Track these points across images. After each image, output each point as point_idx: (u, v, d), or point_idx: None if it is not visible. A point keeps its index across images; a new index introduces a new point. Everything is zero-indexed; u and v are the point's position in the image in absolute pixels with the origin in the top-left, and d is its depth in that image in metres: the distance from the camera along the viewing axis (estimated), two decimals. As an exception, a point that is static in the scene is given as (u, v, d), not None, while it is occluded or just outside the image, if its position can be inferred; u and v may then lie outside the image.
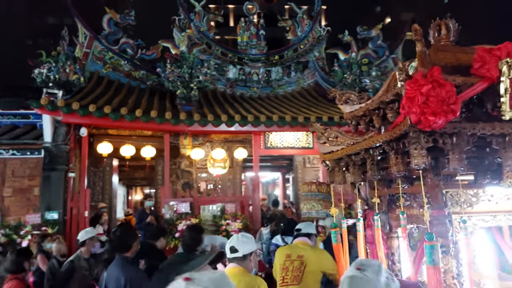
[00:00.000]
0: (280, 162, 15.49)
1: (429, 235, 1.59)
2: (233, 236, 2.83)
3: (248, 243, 2.75)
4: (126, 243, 3.49)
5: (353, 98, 2.67)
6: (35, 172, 8.36)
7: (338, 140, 2.65)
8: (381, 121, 2.21)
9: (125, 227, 5.18)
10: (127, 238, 3.55)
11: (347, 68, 10.95)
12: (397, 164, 1.80)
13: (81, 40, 11.59)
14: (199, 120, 8.84)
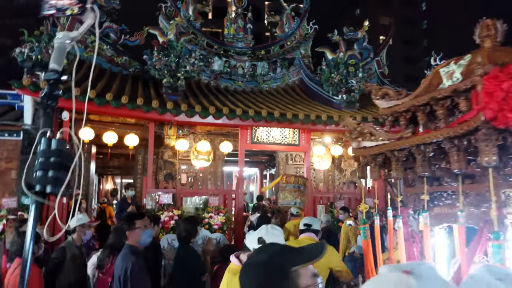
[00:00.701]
0: (259, 158, 15.51)
1: (496, 234, 1.59)
2: (262, 226, 2.61)
3: (278, 236, 2.51)
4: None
5: (390, 94, 2.64)
6: (12, 155, 8.01)
7: (365, 135, 2.64)
8: (426, 117, 2.21)
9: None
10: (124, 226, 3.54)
11: (334, 67, 11.01)
12: (459, 161, 1.79)
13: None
14: (186, 111, 8.69)
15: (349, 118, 3.00)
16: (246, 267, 1.24)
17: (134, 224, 3.35)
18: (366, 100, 11.51)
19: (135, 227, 3.34)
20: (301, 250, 1.19)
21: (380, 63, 14.09)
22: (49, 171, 1.54)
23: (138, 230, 3.35)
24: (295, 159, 11.99)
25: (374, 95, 2.70)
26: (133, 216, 3.54)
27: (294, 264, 1.14)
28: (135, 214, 3.66)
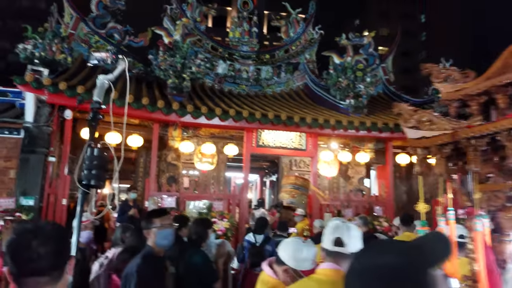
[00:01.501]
0: (259, 164, 15.23)
1: None
2: (338, 223, 2.05)
3: (359, 239, 1.99)
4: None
5: (455, 76, 2.42)
6: (12, 153, 7.74)
7: (424, 124, 2.41)
8: (509, 99, 2.00)
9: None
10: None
11: (342, 72, 10.83)
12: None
13: (66, 20, 10.99)
14: (192, 112, 8.47)
15: (403, 105, 2.76)
16: (362, 273, 0.93)
17: (151, 223, 2.97)
18: (373, 106, 11.34)
19: (151, 225, 2.95)
20: (426, 248, 0.92)
21: (385, 70, 13.96)
22: (92, 170, 2.29)
23: (154, 230, 2.94)
24: (299, 165, 11.76)
25: (436, 77, 2.48)
26: (152, 213, 3.13)
27: (429, 266, 0.89)
28: (155, 211, 3.30)
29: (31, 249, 1.29)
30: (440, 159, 2.36)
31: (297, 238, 2.47)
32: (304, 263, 2.29)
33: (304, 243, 2.39)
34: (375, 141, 10.42)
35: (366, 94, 10.61)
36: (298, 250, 2.32)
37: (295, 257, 2.30)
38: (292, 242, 2.39)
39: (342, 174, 11.62)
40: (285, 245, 2.39)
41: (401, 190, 12.73)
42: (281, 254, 2.36)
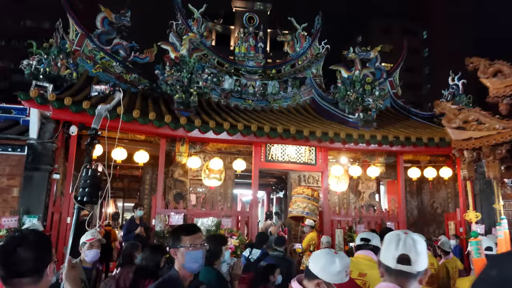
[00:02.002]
0: (266, 180, 14.96)
1: None
2: (401, 235, 1.71)
3: (425, 256, 1.69)
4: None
5: (505, 70, 2.22)
6: (15, 171, 7.53)
7: (470, 124, 2.19)
8: None
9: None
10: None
11: (350, 85, 10.67)
12: None
13: (71, 37, 10.94)
14: (200, 126, 8.28)
15: (447, 103, 2.56)
16: (501, 286, 0.74)
17: (179, 241, 2.39)
18: (382, 120, 11.13)
19: (180, 244, 2.38)
20: None
21: (393, 83, 13.82)
22: (86, 188, 2.55)
23: (183, 250, 2.36)
24: (308, 180, 11.50)
25: (483, 72, 2.27)
26: (181, 230, 2.55)
27: None
28: (184, 227, 2.85)
29: (15, 255, 1.52)
30: (494, 161, 2.12)
31: (327, 249, 2.24)
32: (338, 276, 2.08)
33: (336, 254, 2.17)
34: (385, 155, 10.19)
35: (375, 108, 10.42)
36: (330, 261, 2.10)
37: (328, 269, 2.08)
38: (323, 253, 2.17)
39: (352, 189, 11.36)
40: (315, 257, 2.17)
41: (412, 205, 12.44)
42: (312, 267, 2.14)
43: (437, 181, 11.31)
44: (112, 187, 16.37)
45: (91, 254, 4.32)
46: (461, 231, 9.91)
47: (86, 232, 4.37)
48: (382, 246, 1.73)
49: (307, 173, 11.51)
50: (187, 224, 2.69)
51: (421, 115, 12.83)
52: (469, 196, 3.04)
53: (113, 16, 11.38)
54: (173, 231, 2.57)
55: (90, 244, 4.33)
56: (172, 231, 2.60)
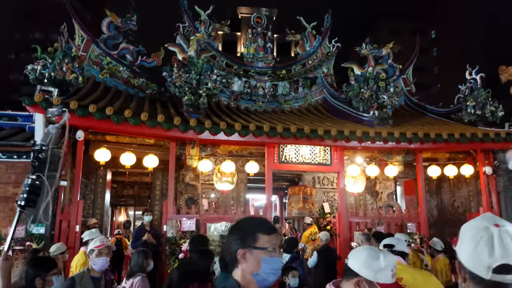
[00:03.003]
0: (279, 184, 14.62)
1: None
2: (492, 229, 1.17)
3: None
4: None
5: None
6: (21, 179, 7.27)
7: None
8: None
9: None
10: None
11: (364, 83, 10.31)
12: None
13: (77, 42, 10.75)
14: (210, 128, 7.99)
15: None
16: None
17: (254, 239, 1.68)
18: (396, 118, 10.74)
19: (256, 245, 1.68)
20: None
21: (406, 81, 13.45)
22: (24, 194, 3.00)
23: (259, 254, 1.66)
24: (323, 182, 11.14)
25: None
26: (257, 225, 1.75)
27: None
28: (259, 221, 1.82)
29: None
30: None
31: (369, 246, 1.93)
32: (382, 274, 1.77)
33: (380, 250, 1.86)
34: (403, 153, 9.79)
35: (390, 105, 10.05)
36: (373, 257, 1.80)
37: (370, 265, 1.78)
38: (364, 249, 1.87)
39: (368, 190, 10.96)
40: (356, 253, 1.87)
41: (431, 204, 12.00)
42: (351, 263, 1.83)
43: (457, 179, 10.87)
44: (122, 195, 16.12)
45: (100, 262, 4.02)
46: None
47: (95, 238, 4.09)
48: (462, 245, 1.24)
49: (321, 174, 11.15)
50: (262, 219, 1.84)
51: (437, 112, 12.42)
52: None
53: (119, 21, 11.19)
54: (245, 225, 1.76)
55: (99, 251, 4.03)
56: (242, 225, 1.78)
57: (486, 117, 10.58)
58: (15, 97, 38.39)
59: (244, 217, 1.89)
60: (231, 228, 1.81)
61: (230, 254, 1.72)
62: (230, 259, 1.72)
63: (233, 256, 1.70)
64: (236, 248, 1.68)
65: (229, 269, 1.74)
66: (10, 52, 42.24)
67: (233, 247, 1.69)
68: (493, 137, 9.29)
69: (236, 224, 1.81)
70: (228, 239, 1.76)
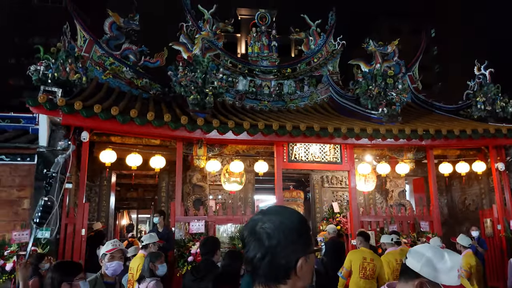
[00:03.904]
0: (285, 184, 14.43)
1: None
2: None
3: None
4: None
5: None
6: (26, 182, 7.10)
7: None
8: None
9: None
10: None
11: (372, 79, 10.12)
12: None
13: (79, 43, 10.57)
14: (218, 127, 7.80)
15: None
16: None
17: (310, 245, 1.32)
18: (404, 115, 10.52)
19: (310, 251, 1.32)
20: None
21: (413, 78, 13.26)
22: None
23: (312, 259, 1.32)
24: (332, 181, 10.95)
25: None
26: (307, 228, 1.35)
27: None
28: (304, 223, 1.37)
29: None
30: None
31: (429, 244, 1.72)
32: (447, 275, 1.54)
33: (443, 248, 1.65)
34: (414, 150, 9.59)
35: (399, 102, 9.85)
36: (437, 255, 1.58)
37: (434, 265, 1.55)
38: (426, 247, 1.64)
39: (378, 188, 10.75)
40: (416, 252, 1.64)
41: (441, 203, 11.78)
42: (412, 263, 1.60)
43: (468, 177, 10.67)
44: (126, 198, 15.88)
45: (113, 266, 3.81)
46: (499, 229, 9.27)
47: (106, 242, 3.89)
48: None
49: (330, 173, 10.96)
50: (292, 209, 1.40)
51: (445, 109, 12.22)
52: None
53: (122, 21, 11.00)
54: (294, 222, 1.30)
55: (111, 255, 3.82)
56: (291, 223, 1.29)
57: (497, 113, 10.37)
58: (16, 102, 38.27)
59: (277, 208, 1.36)
60: (272, 229, 1.25)
61: (274, 266, 1.23)
62: (273, 272, 1.24)
63: (285, 268, 1.23)
64: (293, 258, 1.24)
65: (263, 284, 1.26)
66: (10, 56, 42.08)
67: (286, 256, 1.23)
68: (506, 132, 9.11)
69: (279, 220, 1.27)
70: (269, 244, 1.23)
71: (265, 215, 1.31)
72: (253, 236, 1.27)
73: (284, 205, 1.66)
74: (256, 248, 1.25)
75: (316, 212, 10.62)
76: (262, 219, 1.29)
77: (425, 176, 11.00)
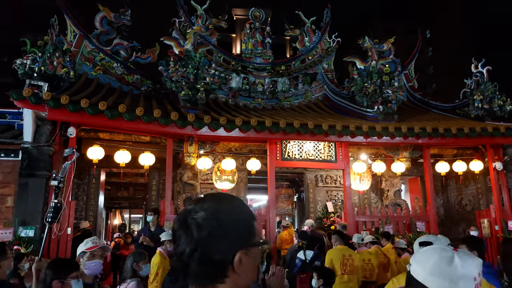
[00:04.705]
0: (279, 184, 14.24)
1: None
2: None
3: None
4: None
5: None
6: (9, 178, 6.83)
7: None
8: None
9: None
10: None
11: (367, 77, 9.94)
12: None
13: (69, 38, 10.31)
14: (209, 123, 7.58)
15: None
16: None
17: (252, 232, 1.15)
18: (400, 114, 10.35)
19: (254, 241, 1.18)
20: None
21: (408, 76, 13.09)
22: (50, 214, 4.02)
23: (256, 252, 1.19)
24: (326, 180, 10.74)
25: None
26: (242, 210, 1.16)
27: None
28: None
29: None
30: None
31: (439, 246, 1.36)
32: (459, 284, 1.23)
33: (456, 250, 1.31)
34: (411, 149, 9.42)
35: (395, 99, 9.68)
36: (446, 259, 1.26)
37: (443, 272, 1.24)
38: (433, 250, 1.32)
39: (373, 188, 10.56)
40: (421, 255, 1.33)
41: (437, 203, 11.61)
42: (416, 269, 1.31)
43: (464, 176, 10.51)
44: (117, 197, 15.56)
45: (93, 265, 3.56)
46: (497, 229, 9.11)
47: (85, 239, 3.65)
48: None
49: (324, 172, 10.76)
50: (231, 195, 1.27)
51: (441, 107, 12.06)
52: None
53: (112, 16, 10.75)
54: (239, 217, 1.13)
55: (91, 253, 3.58)
56: (237, 217, 1.13)
57: (494, 112, 10.22)
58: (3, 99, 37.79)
59: (214, 195, 1.18)
60: (203, 219, 1.05)
61: (206, 262, 1.04)
62: (206, 269, 1.05)
63: (220, 264, 1.05)
64: (229, 251, 1.05)
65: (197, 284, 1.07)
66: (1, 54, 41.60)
67: (220, 249, 1.04)
68: (504, 131, 8.96)
69: (214, 207, 1.08)
70: (199, 235, 1.04)
71: (199, 203, 1.12)
72: (183, 228, 1.08)
73: (227, 193, 1.42)
74: (185, 242, 1.06)
75: (310, 212, 10.42)
76: (195, 208, 1.10)
77: (421, 176, 10.84)
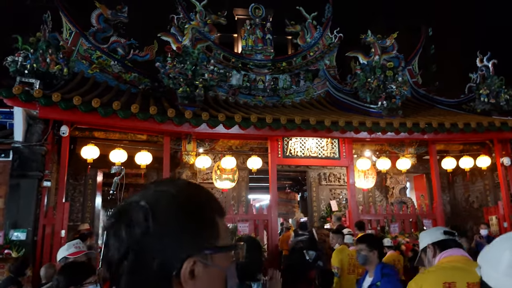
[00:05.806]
0: (281, 183, 13.97)
1: None
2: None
3: None
4: None
5: None
6: (0, 179, 6.60)
7: None
8: None
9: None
10: None
11: (370, 72, 9.66)
12: None
13: (65, 36, 10.06)
14: (208, 120, 7.32)
15: None
16: None
17: (215, 233, 0.84)
18: (404, 110, 10.07)
19: (217, 244, 0.85)
20: None
21: (412, 72, 12.80)
22: None
23: (223, 260, 0.91)
24: (329, 179, 10.47)
25: None
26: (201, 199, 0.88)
27: None
28: None
29: None
30: None
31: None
32: None
33: None
34: (416, 145, 9.13)
35: (399, 95, 9.40)
36: None
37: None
38: (503, 246, 1.02)
39: (377, 185, 10.27)
40: (490, 254, 1.06)
41: (444, 200, 11.30)
42: (488, 272, 1.03)
43: (471, 173, 10.20)
44: (116, 199, 15.29)
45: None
46: (505, 226, 8.81)
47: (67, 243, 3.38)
48: None
49: (327, 170, 10.49)
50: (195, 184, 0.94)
51: (447, 103, 11.76)
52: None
53: (109, 13, 10.50)
54: (193, 208, 0.82)
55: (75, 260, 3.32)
56: (189, 207, 0.82)
57: (501, 106, 9.92)
58: None
59: (163, 181, 0.92)
60: (139, 212, 0.77)
61: (140, 271, 0.75)
62: (140, 283, 0.75)
63: (160, 275, 0.75)
64: (175, 257, 0.75)
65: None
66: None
67: (161, 253, 0.75)
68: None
69: (157, 196, 0.81)
70: (130, 234, 0.76)
71: (143, 191, 0.83)
72: (115, 226, 0.77)
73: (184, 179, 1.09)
74: (115, 244, 0.76)
75: (313, 211, 10.15)
76: (136, 199, 0.80)
77: (426, 173, 10.56)
